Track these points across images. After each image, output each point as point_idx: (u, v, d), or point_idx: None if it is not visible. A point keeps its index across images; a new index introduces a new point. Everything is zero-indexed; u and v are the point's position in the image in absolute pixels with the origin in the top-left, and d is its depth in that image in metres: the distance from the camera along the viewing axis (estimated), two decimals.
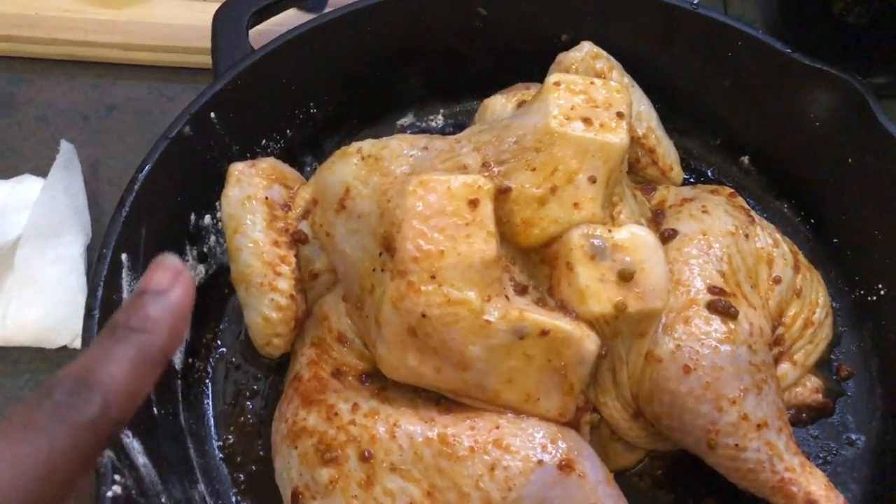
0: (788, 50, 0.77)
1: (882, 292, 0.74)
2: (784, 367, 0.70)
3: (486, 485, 0.58)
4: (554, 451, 0.59)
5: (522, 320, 0.60)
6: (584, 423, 0.65)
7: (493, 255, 0.61)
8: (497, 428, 0.60)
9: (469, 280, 0.60)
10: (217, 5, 0.94)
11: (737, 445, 0.61)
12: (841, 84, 0.75)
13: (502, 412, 0.61)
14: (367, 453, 0.60)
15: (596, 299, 0.61)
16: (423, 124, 0.89)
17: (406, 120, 0.89)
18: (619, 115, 0.66)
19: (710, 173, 0.86)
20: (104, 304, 0.62)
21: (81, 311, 0.73)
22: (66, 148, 0.80)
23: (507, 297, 0.62)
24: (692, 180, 0.84)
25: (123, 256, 0.64)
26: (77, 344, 0.73)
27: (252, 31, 0.79)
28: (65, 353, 0.74)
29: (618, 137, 0.65)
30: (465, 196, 0.62)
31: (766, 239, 0.72)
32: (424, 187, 0.63)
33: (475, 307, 0.60)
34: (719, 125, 0.85)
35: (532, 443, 0.59)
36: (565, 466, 0.58)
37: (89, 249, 0.78)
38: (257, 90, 0.76)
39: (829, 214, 0.79)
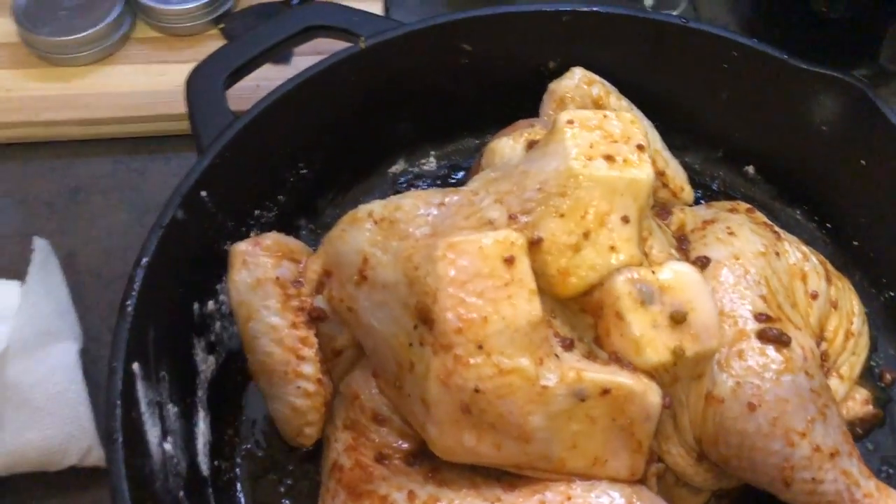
0: (785, 56, 0.76)
1: None
2: (833, 383, 0.68)
3: None
4: None
5: (581, 381, 0.57)
6: (650, 476, 0.62)
7: (539, 314, 0.57)
8: (569, 499, 0.56)
9: (518, 345, 0.57)
10: (175, 66, 0.89)
11: (814, 479, 0.59)
12: (844, 87, 0.74)
13: (570, 480, 0.58)
14: None
15: (653, 348, 0.58)
16: (416, 169, 0.85)
17: (398, 167, 0.85)
18: (640, 147, 0.63)
19: (715, 186, 0.84)
20: (125, 424, 0.56)
21: (87, 426, 0.68)
22: (40, 245, 0.73)
23: (557, 355, 0.59)
24: (699, 195, 0.82)
25: (135, 366, 0.59)
26: (89, 462, 0.67)
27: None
28: (72, 473, 0.68)
29: (644, 172, 0.62)
30: (500, 254, 0.59)
31: (796, 254, 0.70)
32: (455, 250, 0.59)
33: (530, 374, 0.56)
34: (720, 137, 0.83)
35: None
36: None
37: (83, 353, 0.72)
38: (245, 159, 0.71)
39: (847, 218, 0.78)
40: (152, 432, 0.59)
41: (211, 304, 0.69)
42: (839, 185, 0.77)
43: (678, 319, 0.59)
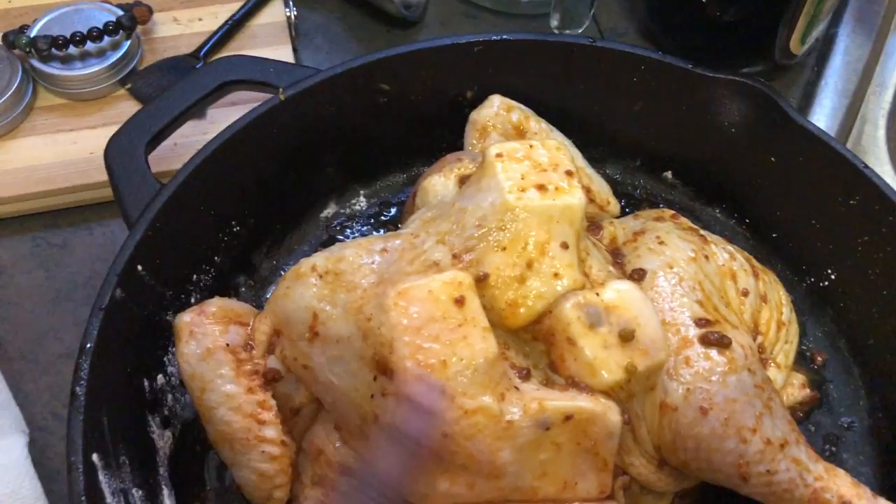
0: (689, 65, 0.79)
1: (833, 276, 0.78)
2: (772, 373, 0.72)
3: None
4: None
5: (544, 411, 0.58)
6: (617, 489, 0.64)
7: (495, 350, 0.59)
8: None
9: (479, 384, 0.58)
10: (85, 133, 0.87)
11: (768, 471, 0.62)
12: (748, 89, 0.77)
13: None
14: None
15: (607, 368, 0.60)
16: (347, 210, 0.85)
17: (329, 211, 0.84)
18: (569, 173, 0.65)
19: (637, 194, 0.87)
20: None
21: None
22: None
23: (516, 387, 0.60)
24: (623, 204, 0.85)
25: (95, 457, 0.57)
26: None
27: None
28: None
29: (576, 197, 0.64)
30: (450, 296, 0.60)
31: (723, 254, 0.74)
32: (405, 297, 0.59)
33: (494, 411, 0.57)
34: (637, 147, 0.86)
35: None
36: None
37: (31, 445, 0.69)
38: (177, 227, 0.70)
39: (763, 212, 0.82)
40: None
41: (160, 379, 0.68)
42: (753, 181, 0.81)
43: (626, 337, 0.61)
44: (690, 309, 0.67)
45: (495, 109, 0.79)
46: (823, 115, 0.94)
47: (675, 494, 0.69)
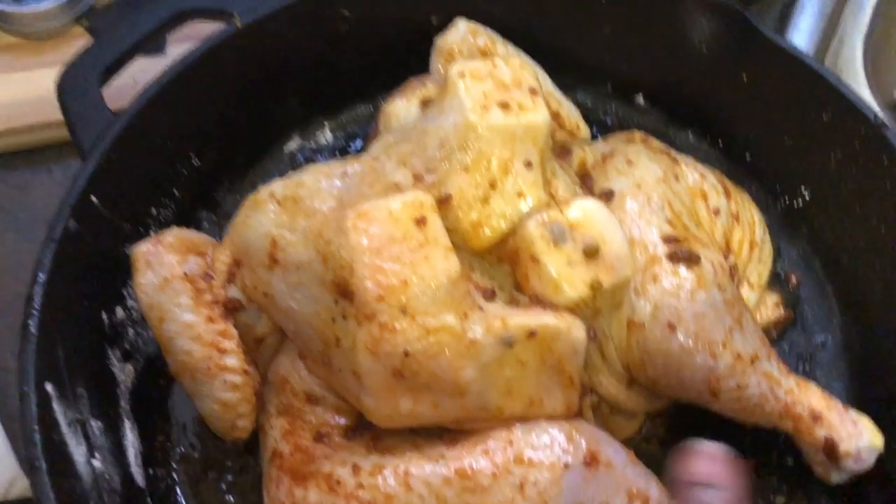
0: None
1: (807, 196, 0.76)
2: (745, 293, 0.71)
3: None
4: (575, 450, 0.57)
5: (507, 328, 0.57)
6: (586, 409, 0.63)
7: (458, 269, 0.58)
8: (511, 444, 0.57)
9: (441, 303, 0.57)
10: (41, 72, 0.84)
11: (738, 385, 0.62)
12: (719, 8, 0.75)
13: (510, 425, 0.58)
14: None
15: (570, 285, 0.59)
16: (312, 144, 0.83)
17: (293, 144, 0.83)
18: (532, 90, 0.64)
19: (609, 121, 0.86)
20: (46, 449, 0.53)
21: (6, 458, 0.65)
22: None
23: (480, 307, 0.59)
24: (595, 131, 0.83)
25: (48, 387, 0.56)
26: (14, 494, 0.64)
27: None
28: None
29: (540, 115, 0.62)
30: (410, 216, 0.58)
31: (693, 174, 0.73)
32: (365, 219, 0.58)
33: (456, 329, 0.56)
34: (607, 72, 0.84)
35: (552, 449, 0.57)
36: (591, 461, 0.57)
37: None
38: (133, 158, 0.68)
39: (736, 133, 0.80)
40: (78, 452, 0.56)
41: (120, 312, 0.67)
42: (725, 103, 0.79)
43: (591, 254, 0.60)
44: (659, 227, 0.65)
45: (461, 34, 0.76)
46: (801, 37, 0.92)
47: (646, 415, 0.69)
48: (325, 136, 0.84)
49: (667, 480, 0.61)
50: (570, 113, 0.78)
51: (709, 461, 0.44)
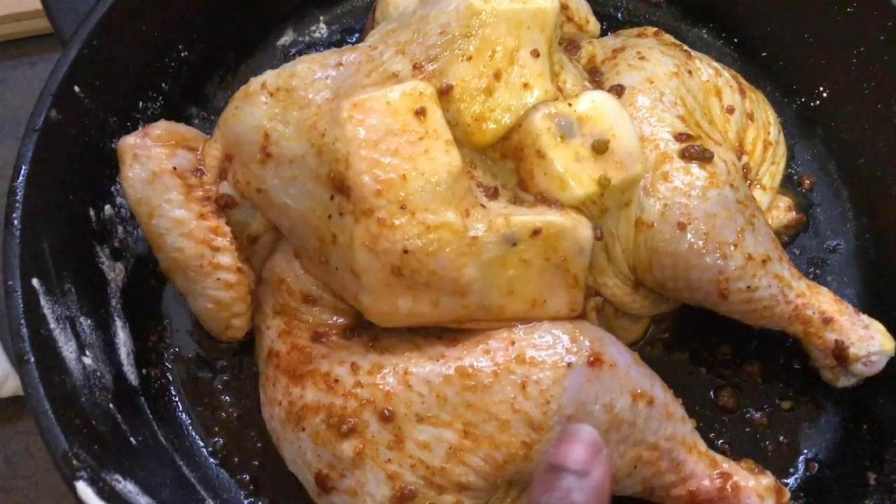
0: None
1: (825, 94, 0.73)
2: (757, 194, 0.68)
3: (523, 404, 0.54)
4: (579, 350, 0.55)
5: (510, 226, 0.55)
6: (590, 311, 0.61)
7: (459, 164, 0.55)
8: (513, 344, 0.55)
9: (442, 199, 0.54)
10: None
11: (748, 287, 0.60)
12: None
13: (512, 326, 0.57)
14: (386, 412, 0.55)
15: (578, 181, 0.56)
16: (307, 38, 0.79)
17: (286, 38, 0.78)
18: None
19: (619, 16, 0.81)
20: (34, 344, 0.52)
21: None
22: None
23: (482, 205, 0.56)
24: (605, 27, 0.79)
25: (35, 282, 0.54)
26: (5, 392, 0.63)
27: None
28: None
29: (547, 1, 0.59)
30: (409, 107, 0.55)
31: (708, 70, 0.69)
32: (361, 109, 0.55)
33: (458, 226, 0.54)
34: None
35: (554, 348, 0.55)
36: (595, 361, 0.55)
37: None
38: (117, 46, 0.64)
39: (752, 30, 0.76)
40: (67, 348, 0.55)
41: (108, 209, 0.64)
42: None
43: (600, 149, 0.57)
44: (671, 124, 0.62)
45: None
46: None
47: (651, 319, 0.67)
48: (320, 29, 0.79)
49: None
50: (580, 6, 0.73)
51: (585, 449, 0.43)
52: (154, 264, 0.63)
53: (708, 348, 0.66)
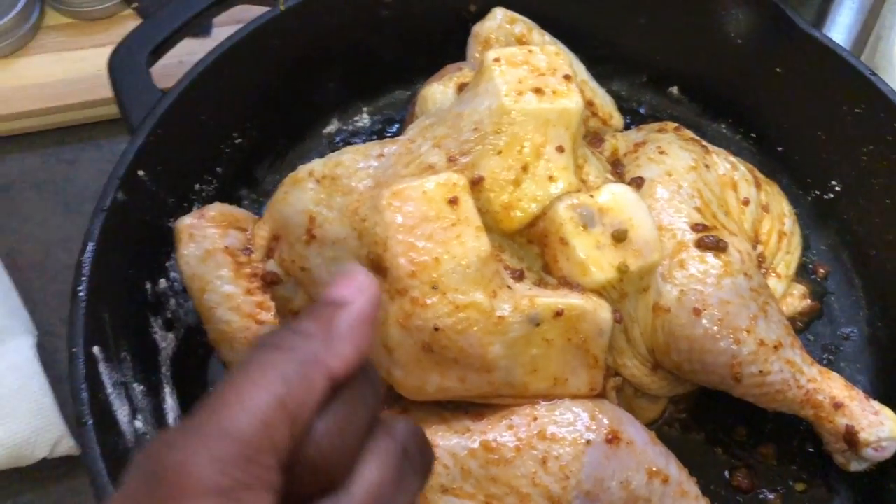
0: None
1: (837, 189, 0.77)
2: (772, 283, 0.72)
3: (543, 479, 0.57)
4: (598, 427, 0.58)
5: (534, 307, 0.59)
6: (609, 390, 0.64)
7: (488, 249, 0.59)
8: (535, 420, 0.59)
9: (471, 280, 0.58)
10: (93, 51, 0.87)
11: (761, 372, 0.63)
12: (755, 0, 0.76)
13: (535, 402, 0.60)
14: None
15: (598, 267, 0.61)
16: (350, 127, 0.85)
17: (332, 127, 0.85)
18: (567, 77, 0.65)
19: (642, 111, 0.87)
20: (92, 406, 0.56)
21: (53, 417, 0.68)
22: None
23: (509, 286, 0.61)
24: (629, 121, 0.85)
25: (95, 350, 0.59)
26: (59, 452, 0.67)
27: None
28: (45, 465, 0.68)
29: (573, 101, 0.64)
30: (443, 196, 0.60)
31: (725, 164, 0.73)
32: (399, 197, 0.60)
33: (485, 307, 0.58)
34: (642, 62, 0.85)
35: (574, 425, 0.58)
36: (613, 439, 0.58)
37: (40, 348, 0.71)
38: (179, 134, 0.70)
39: (769, 125, 0.81)
40: (121, 412, 0.59)
41: (163, 283, 0.69)
42: (759, 95, 0.80)
43: (620, 237, 0.62)
44: (688, 215, 0.66)
45: (498, 21, 0.78)
46: (838, 33, 0.92)
47: (669, 399, 0.70)
48: (363, 119, 0.86)
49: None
50: (604, 101, 0.79)
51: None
52: (202, 335, 0.68)
53: (724, 429, 0.68)
